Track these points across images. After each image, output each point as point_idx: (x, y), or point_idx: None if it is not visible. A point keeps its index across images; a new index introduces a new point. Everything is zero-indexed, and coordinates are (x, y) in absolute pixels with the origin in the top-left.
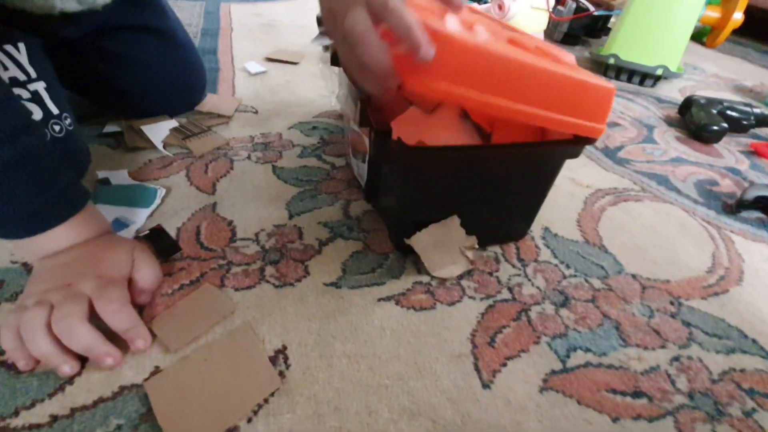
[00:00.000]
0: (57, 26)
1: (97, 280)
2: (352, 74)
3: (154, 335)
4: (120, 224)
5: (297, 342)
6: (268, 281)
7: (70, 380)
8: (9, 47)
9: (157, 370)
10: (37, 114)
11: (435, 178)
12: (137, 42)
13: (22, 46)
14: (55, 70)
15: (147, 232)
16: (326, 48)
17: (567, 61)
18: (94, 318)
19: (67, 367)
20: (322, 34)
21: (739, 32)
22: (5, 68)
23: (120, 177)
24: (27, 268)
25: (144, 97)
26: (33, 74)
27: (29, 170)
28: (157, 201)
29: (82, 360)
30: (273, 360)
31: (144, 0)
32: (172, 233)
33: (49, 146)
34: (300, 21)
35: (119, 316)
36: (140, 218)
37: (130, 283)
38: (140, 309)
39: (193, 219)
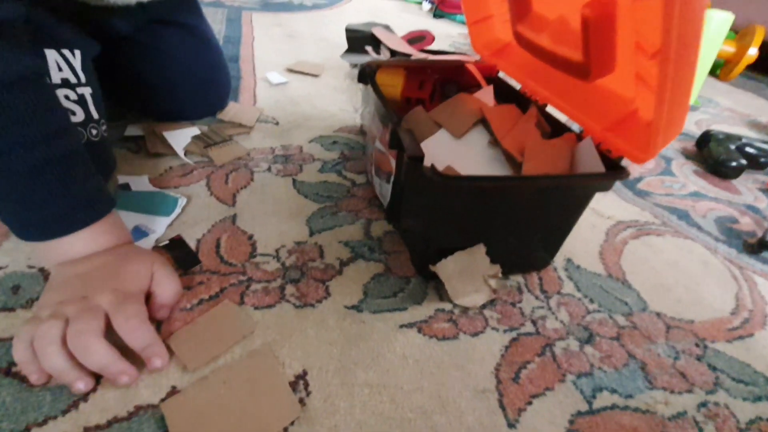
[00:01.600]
0: (115, 20)
1: (115, 293)
2: None
3: (171, 352)
4: (140, 232)
5: (318, 367)
6: (288, 301)
7: (84, 397)
8: (66, 51)
9: (174, 390)
10: (80, 116)
11: (464, 206)
12: (172, 37)
13: (78, 53)
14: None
15: (167, 242)
16: (354, 65)
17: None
18: (110, 332)
19: (81, 384)
20: (349, 51)
21: (753, 67)
22: (60, 69)
23: (141, 183)
24: (44, 273)
25: (173, 93)
26: (83, 79)
27: (60, 172)
28: (178, 210)
29: (97, 376)
30: (293, 386)
31: None
32: (192, 244)
33: (82, 150)
34: (321, 33)
35: (137, 333)
36: (160, 227)
37: (149, 297)
38: (158, 324)
39: (213, 231)
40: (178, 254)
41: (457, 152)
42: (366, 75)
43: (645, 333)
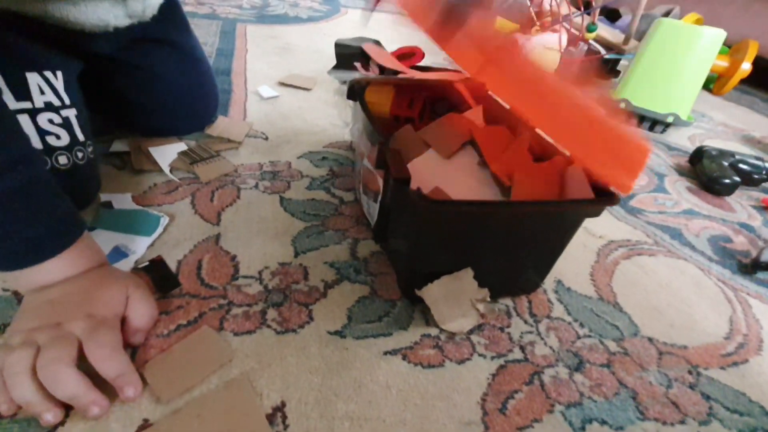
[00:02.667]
0: (97, 43)
1: (88, 320)
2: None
3: (145, 382)
4: (119, 253)
5: (297, 399)
6: (269, 326)
7: (53, 430)
8: (48, 73)
9: (146, 424)
10: (65, 139)
11: (451, 230)
12: (158, 54)
13: (59, 74)
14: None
15: (146, 263)
16: (343, 82)
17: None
18: (83, 360)
19: (50, 416)
20: (338, 66)
21: (746, 81)
22: (42, 92)
23: (123, 201)
24: (18, 297)
25: (159, 110)
26: (67, 101)
27: (26, 201)
28: (160, 230)
29: (68, 407)
30: (270, 418)
31: (171, 14)
32: (173, 266)
33: (48, 176)
34: (315, 45)
35: (109, 361)
36: (140, 247)
37: (124, 321)
38: (133, 350)
39: (195, 251)
40: (158, 276)
41: (445, 173)
42: (355, 92)
43: (637, 359)
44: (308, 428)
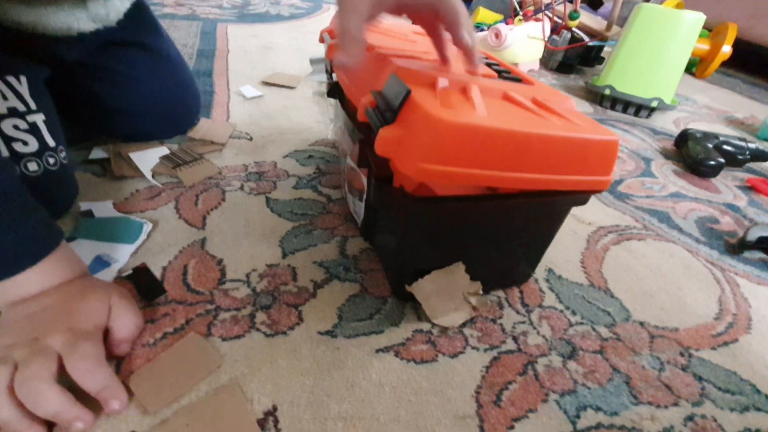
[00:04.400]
0: (63, 48)
1: (68, 333)
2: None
3: (131, 393)
4: (101, 263)
5: (289, 402)
6: (258, 329)
7: None
8: (11, 78)
9: None
10: (33, 145)
11: (438, 226)
12: (131, 58)
13: (23, 78)
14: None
15: (130, 271)
16: (322, 83)
17: (566, 108)
18: (64, 375)
19: None
20: (316, 70)
21: (727, 63)
22: (5, 98)
23: (104, 209)
24: None
25: (137, 115)
26: (33, 106)
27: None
28: (143, 237)
29: (50, 424)
30: (262, 424)
31: (140, 17)
32: (158, 273)
33: (19, 184)
34: (297, 43)
35: (91, 375)
36: (123, 256)
37: (107, 333)
38: (118, 361)
39: (181, 257)
40: (142, 284)
41: None
42: (333, 90)
43: (629, 344)
44: (301, 430)
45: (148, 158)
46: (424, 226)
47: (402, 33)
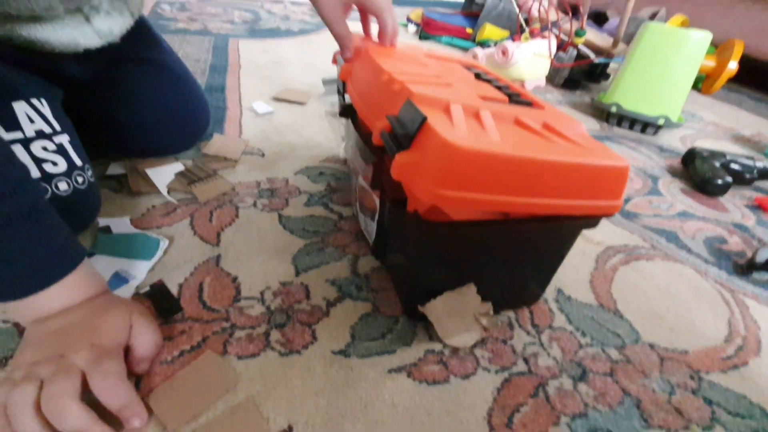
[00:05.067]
0: (73, 66)
1: (92, 350)
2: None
3: (151, 411)
4: (120, 279)
5: (303, 421)
6: (273, 348)
7: None
8: (35, 101)
9: None
10: (62, 166)
11: (451, 249)
12: (137, 74)
13: (44, 101)
14: None
15: (147, 288)
16: (334, 104)
17: (577, 132)
18: (88, 391)
19: None
20: (328, 91)
21: (734, 79)
22: (32, 121)
23: (122, 225)
24: (19, 328)
25: (148, 130)
26: (57, 127)
27: (25, 227)
28: (159, 253)
29: None
30: None
31: (142, 33)
32: (174, 289)
33: (45, 202)
34: (307, 59)
35: (114, 392)
36: (141, 272)
37: (128, 350)
38: (137, 378)
39: (196, 274)
40: (159, 302)
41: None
42: (347, 110)
43: (639, 367)
44: None
45: (163, 174)
46: (437, 249)
47: (414, 56)
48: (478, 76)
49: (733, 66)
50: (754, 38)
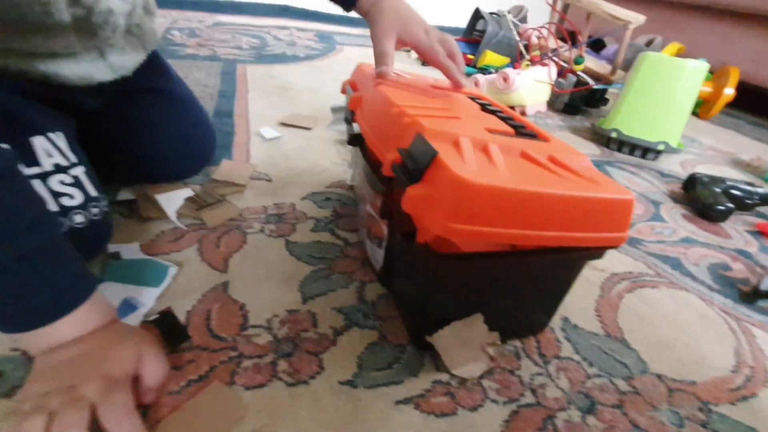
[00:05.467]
0: (85, 97)
1: (102, 381)
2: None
3: None
4: (129, 306)
5: None
6: (280, 378)
7: None
8: (52, 135)
9: None
10: (78, 198)
11: (459, 280)
12: (147, 104)
13: (60, 133)
14: None
15: (156, 316)
16: (342, 133)
17: (582, 165)
18: (96, 423)
19: None
20: (336, 119)
21: (731, 104)
22: (49, 155)
23: (131, 251)
24: (28, 356)
25: (157, 158)
26: (74, 160)
27: (42, 262)
28: (168, 280)
29: None
30: None
31: (152, 63)
32: (182, 317)
33: (61, 234)
34: (313, 84)
35: (122, 426)
36: (150, 299)
37: (136, 380)
38: (144, 408)
39: (204, 301)
40: (168, 330)
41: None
42: (356, 139)
43: (647, 398)
44: None
45: (173, 200)
46: (445, 280)
47: (421, 88)
48: (483, 107)
49: (729, 92)
50: (749, 65)
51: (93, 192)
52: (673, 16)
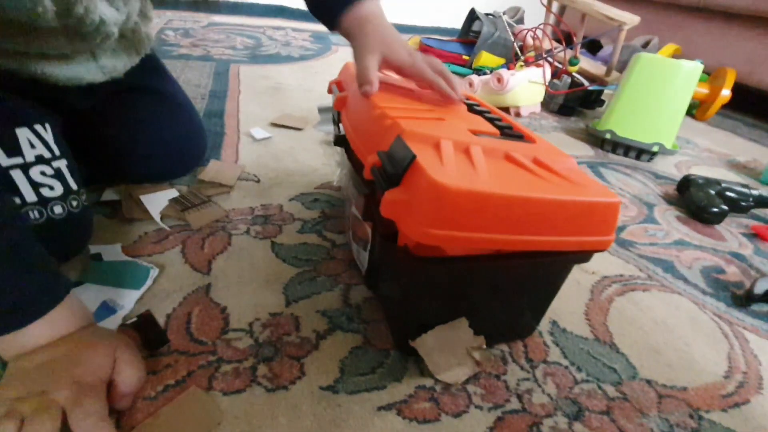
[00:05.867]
0: (74, 97)
1: (74, 387)
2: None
3: None
4: (108, 309)
5: None
6: (259, 383)
7: None
8: (38, 126)
9: None
10: (58, 190)
11: (442, 284)
12: (138, 103)
13: (47, 126)
14: None
15: (134, 319)
16: (329, 133)
17: (568, 167)
18: (67, 428)
19: None
20: (323, 120)
21: (727, 106)
22: (32, 146)
23: (113, 252)
24: (2, 361)
25: (146, 157)
26: (57, 152)
27: (11, 262)
28: (149, 282)
29: None
30: None
31: (147, 62)
32: (161, 320)
33: (31, 234)
34: (306, 84)
35: None
36: (129, 302)
37: (110, 385)
38: (119, 414)
39: (185, 304)
40: (146, 333)
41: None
42: (341, 140)
43: (636, 405)
44: None
45: (157, 201)
46: (427, 284)
47: (408, 89)
48: (470, 108)
49: (725, 93)
50: (745, 66)
51: (74, 185)
52: (669, 18)
